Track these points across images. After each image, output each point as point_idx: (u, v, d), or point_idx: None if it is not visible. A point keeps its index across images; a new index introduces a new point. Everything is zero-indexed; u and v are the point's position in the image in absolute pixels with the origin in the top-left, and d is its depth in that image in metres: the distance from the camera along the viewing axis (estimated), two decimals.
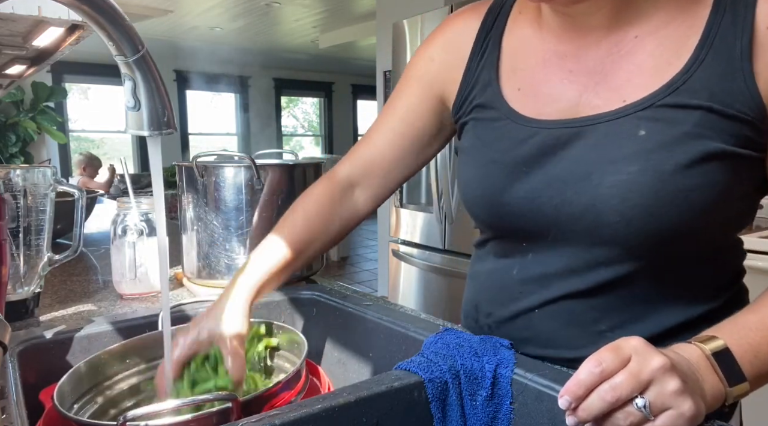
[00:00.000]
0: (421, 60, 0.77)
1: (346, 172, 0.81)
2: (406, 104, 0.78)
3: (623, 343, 0.46)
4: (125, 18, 0.53)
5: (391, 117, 0.79)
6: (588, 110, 0.61)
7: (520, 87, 0.67)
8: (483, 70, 0.71)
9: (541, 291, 0.66)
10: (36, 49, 1.19)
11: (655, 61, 0.58)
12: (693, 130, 0.54)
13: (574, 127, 0.61)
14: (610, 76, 0.60)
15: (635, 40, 0.60)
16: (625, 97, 0.58)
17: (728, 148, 0.54)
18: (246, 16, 5.49)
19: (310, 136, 9.76)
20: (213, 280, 1.07)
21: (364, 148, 0.81)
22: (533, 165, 0.63)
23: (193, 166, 1.03)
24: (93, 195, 1.86)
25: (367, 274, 5.49)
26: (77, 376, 0.67)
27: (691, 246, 0.59)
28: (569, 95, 0.63)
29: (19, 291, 0.88)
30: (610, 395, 0.43)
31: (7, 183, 0.85)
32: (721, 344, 0.50)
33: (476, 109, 0.70)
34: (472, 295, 0.77)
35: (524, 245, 0.67)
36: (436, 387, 0.57)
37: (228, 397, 0.55)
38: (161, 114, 0.56)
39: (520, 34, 0.69)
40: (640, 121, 0.56)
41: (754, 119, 0.54)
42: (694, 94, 0.55)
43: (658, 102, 0.56)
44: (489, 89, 0.69)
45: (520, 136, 0.64)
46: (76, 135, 7.36)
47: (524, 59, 0.68)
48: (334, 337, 0.89)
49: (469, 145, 0.71)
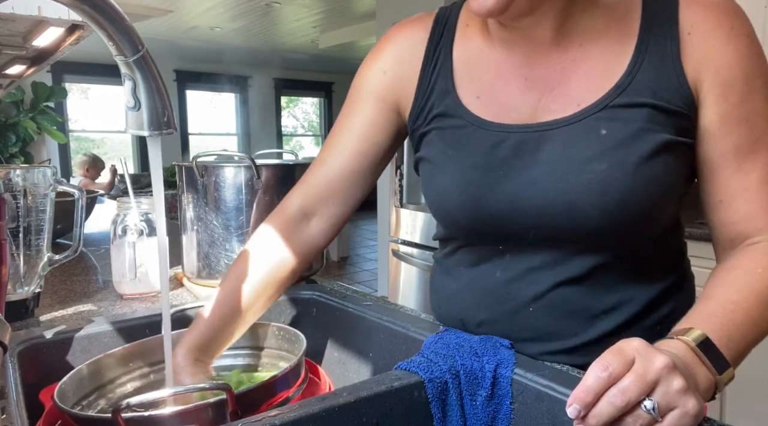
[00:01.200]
0: (373, 73, 0.76)
1: (299, 201, 0.78)
2: (362, 120, 0.76)
3: (625, 345, 0.46)
4: (125, 18, 0.53)
5: (347, 136, 0.76)
6: (547, 115, 0.65)
7: (479, 95, 0.69)
8: (438, 79, 0.71)
9: (530, 286, 0.67)
10: (36, 49, 1.19)
11: (600, 68, 0.63)
12: (645, 125, 0.60)
13: (539, 130, 0.64)
14: (563, 82, 0.65)
15: (580, 48, 0.65)
16: (579, 102, 0.63)
17: (674, 138, 0.61)
18: (246, 16, 5.49)
19: (310, 136, 9.76)
20: (213, 280, 1.07)
21: (318, 173, 0.78)
22: (509, 168, 0.65)
23: (193, 166, 1.03)
24: (93, 195, 1.86)
25: (367, 274, 5.49)
26: (79, 377, 0.67)
27: (657, 226, 0.66)
28: (528, 102, 0.66)
29: (19, 291, 0.88)
30: (619, 399, 0.43)
31: (7, 183, 0.85)
32: (700, 334, 0.52)
33: (437, 118, 0.70)
34: (453, 312, 0.74)
35: (500, 248, 0.69)
36: (436, 387, 0.57)
37: (222, 387, 0.55)
38: (161, 114, 0.56)
39: (471, 45, 0.71)
40: (599, 121, 0.62)
41: (688, 112, 0.61)
42: (639, 93, 0.61)
43: (610, 103, 0.62)
44: (447, 98, 0.70)
45: (491, 140, 0.66)
46: (76, 135, 7.36)
47: (479, 68, 0.69)
48: (334, 337, 0.89)
49: (437, 153, 0.70)
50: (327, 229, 0.79)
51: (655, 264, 0.68)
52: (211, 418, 0.55)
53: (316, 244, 0.79)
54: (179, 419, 0.53)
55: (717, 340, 0.52)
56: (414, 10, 0.80)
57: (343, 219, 0.79)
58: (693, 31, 0.60)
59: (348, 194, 0.78)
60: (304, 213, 0.78)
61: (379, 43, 0.77)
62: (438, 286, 0.79)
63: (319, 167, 0.78)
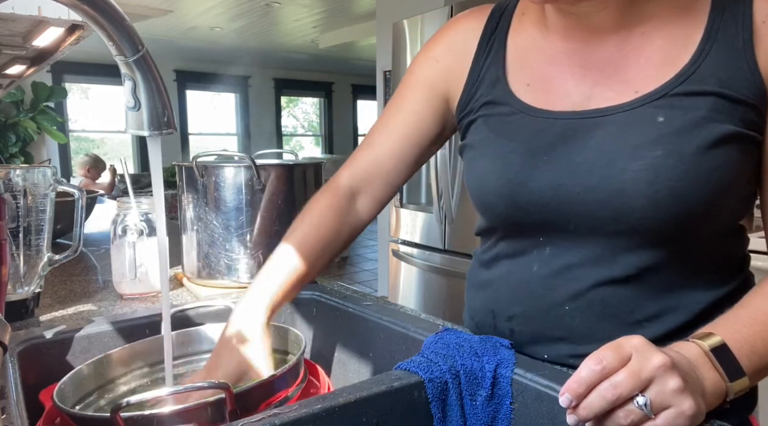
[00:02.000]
0: (425, 62, 0.77)
1: (347, 180, 0.81)
2: (410, 106, 0.77)
3: (624, 342, 0.46)
4: (125, 18, 0.53)
5: (394, 119, 0.79)
6: (601, 103, 0.62)
7: (530, 83, 0.67)
8: (489, 68, 0.71)
9: (569, 283, 0.63)
10: (36, 49, 1.19)
11: (662, 55, 0.60)
12: (708, 114, 0.57)
13: (592, 117, 0.61)
14: (620, 69, 0.62)
15: (642, 36, 0.62)
16: (637, 89, 0.60)
17: (740, 130, 0.57)
18: (246, 16, 5.49)
19: (310, 136, 9.76)
20: (213, 280, 1.07)
21: (365, 153, 0.80)
22: (554, 153, 0.62)
23: (193, 166, 1.03)
24: (93, 195, 1.86)
25: (367, 274, 5.48)
26: (79, 377, 0.67)
27: (711, 228, 0.61)
28: (581, 89, 0.64)
29: (19, 291, 0.88)
30: (610, 393, 0.44)
31: (7, 183, 0.85)
32: (718, 340, 0.51)
33: (485, 106, 0.70)
34: (485, 303, 0.73)
35: (541, 239, 0.65)
36: (436, 387, 0.57)
37: (220, 386, 0.55)
38: (161, 114, 0.56)
39: (525, 34, 0.70)
40: (656, 109, 0.58)
41: (757, 103, 0.57)
42: (703, 82, 0.57)
43: (671, 91, 0.58)
44: (498, 86, 0.69)
45: (538, 127, 0.64)
46: (76, 135, 7.36)
47: (531, 57, 0.68)
48: (333, 337, 0.89)
49: (481, 138, 0.70)
50: (370, 206, 0.82)
51: (709, 272, 0.63)
52: (210, 417, 0.55)
53: (361, 219, 0.82)
54: (178, 418, 0.54)
55: (737, 348, 0.51)
56: (414, 10, 0.81)
57: (387, 199, 0.82)
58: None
59: (392, 177, 0.80)
60: (352, 190, 0.80)
61: (435, 33, 0.78)
62: (474, 280, 0.77)
63: (366, 149, 0.80)
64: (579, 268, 0.63)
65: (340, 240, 0.80)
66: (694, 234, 0.60)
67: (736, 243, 0.67)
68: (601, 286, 0.62)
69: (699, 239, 0.61)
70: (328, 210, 0.79)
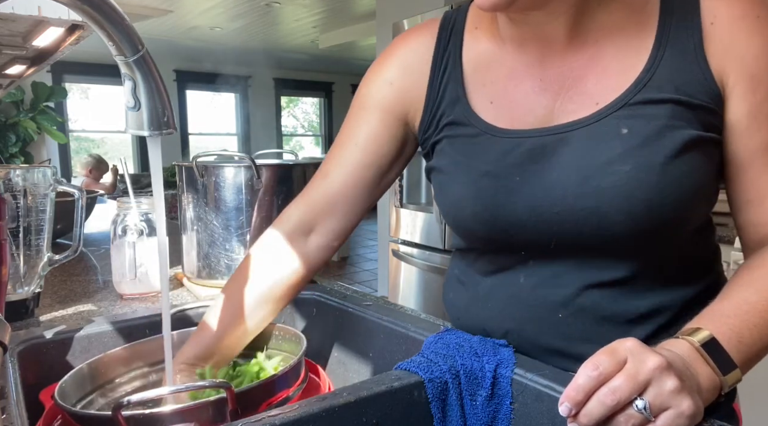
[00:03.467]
0: (377, 85, 0.73)
1: (298, 216, 0.75)
2: (366, 133, 0.73)
3: (618, 346, 0.46)
4: (125, 18, 0.53)
5: (348, 148, 0.74)
6: (564, 116, 0.62)
7: (492, 100, 0.66)
8: (447, 86, 0.69)
9: (558, 290, 0.63)
10: (36, 49, 1.19)
11: (618, 64, 0.61)
12: (669, 122, 0.57)
13: (556, 133, 0.61)
14: (579, 81, 0.62)
15: (596, 45, 0.62)
16: (597, 100, 0.60)
17: (701, 133, 0.58)
18: (246, 16, 5.49)
19: (310, 136, 9.76)
20: (213, 280, 1.07)
21: (319, 187, 0.75)
22: (525, 174, 0.62)
23: (193, 166, 1.03)
24: (93, 195, 1.86)
25: (367, 274, 5.49)
26: (79, 376, 0.67)
27: (687, 228, 0.62)
28: (544, 103, 0.63)
29: (19, 291, 0.88)
30: (609, 399, 0.43)
31: (7, 183, 0.85)
32: (707, 334, 0.51)
33: (447, 126, 0.68)
34: (473, 324, 0.71)
35: (523, 254, 0.65)
36: (436, 387, 0.57)
37: (222, 385, 0.55)
38: (161, 114, 0.56)
39: (480, 48, 0.68)
40: (618, 120, 0.58)
41: (713, 106, 0.58)
42: (660, 89, 0.58)
43: (630, 101, 0.59)
44: (458, 105, 0.67)
45: (504, 147, 0.63)
46: (76, 135, 7.36)
47: (490, 72, 0.67)
48: (334, 337, 0.89)
49: (449, 162, 0.68)
50: (326, 245, 0.76)
51: (688, 265, 0.65)
52: (211, 416, 0.55)
53: (317, 257, 0.76)
54: (179, 417, 0.54)
55: (726, 340, 0.51)
56: (414, 10, 0.80)
57: (344, 234, 0.77)
58: (716, 21, 0.57)
59: (349, 209, 0.75)
60: (303, 227, 0.75)
61: (383, 53, 0.74)
62: (454, 298, 0.75)
63: (320, 181, 0.75)
64: (565, 274, 0.63)
65: (288, 280, 0.75)
66: (671, 236, 0.61)
67: (708, 233, 0.68)
68: (591, 289, 0.62)
69: (676, 239, 0.62)
70: (273, 249, 0.75)
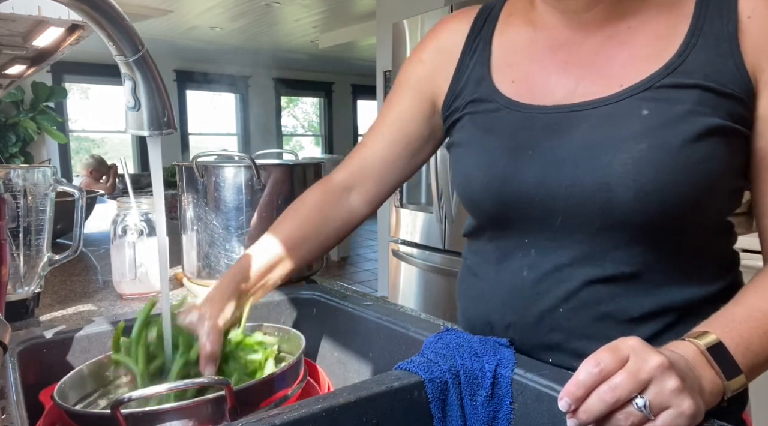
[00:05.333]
0: (412, 64, 0.78)
1: (340, 177, 0.83)
2: (397, 110, 0.79)
3: (621, 344, 0.46)
4: (125, 18, 0.53)
5: (382, 123, 0.80)
6: (585, 97, 0.62)
7: (514, 79, 0.68)
8: (474, 67, 0.72)
9: (560, 284, 0.63)
10: (36, 49, 1.19)
11: (648, 50, 0.61)
12: (693, 107, 0.57)
13: (576, 111, 0.62)
14: (605, 65, 0.62)
15: (628, 31, 0.62)
16: (622, 82, 0.60)
17: (727, 123, 0.57)
18: (246, 16, 5.49)
19: (310, 136, 9.76)
20: (213, 280, 1.07)
21: (358, 154, 0.82)
22: (538, 148, 0.62)
23: (193, 166, 1.03)
24: (93, 195, 1.86)
25: (367, 274, 5.49)
26: (79, 377, 0.67)
27: (699, 223, 0.61)
28: (565, 84, 0.64)
29: (19, 291, 0.88)
30: (609, 396, 0.43)
31: (7, 183, 0.85)
32: (714, 339, 0.51)
33: (471, 103, 0.71)
34: (481, 313, 0.72)
35: (526, 241, 0.65)
36: (436, 387, 0.57)
37: (221, 383, 0.55)
38: (161, 114, 0.56)
39: (511, 33, 0.71)
40: (641, 102, 0.58)
41: (744, 97, 0.57)
42: (689, 74, 0.58)
43: (656, 83, 0.58)
44: (482, 84, 0.70)
45: (523, 122, 0.64)
46: (76, 135, 7.36)
47: (516, 54, 0.69)
48: (334, 337, 0.89)
49: (467, 136, 0.70)
50: (364, 202, 0.83)
51: (701, 268, 0.63)
52: (210, 414, 0.55)
53: (353, 212, 0.83)
54: (178, 414, 0.54)
55: (733, 346, 0.51)
56: (414, 10, 0.81)
57: (380, 197, 0.83)
58: (754, 14, 0.57)
59: (383, 176, 0.81)
60: (345, 186, 0.82)
61: (425, 36, 0.80)
62: (466, 288, 0.77)
63: (360, 148, 0.83)
64: (568, 267, 0.62)
65: (328, 227, 0.81)
66: (682, 229, 0.60)
67: (725, 239, 0.67)
68: (593, 284, 0.61)
69: (688, 235, 0.61)
70: (316, 198, 0.81)
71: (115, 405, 0.51)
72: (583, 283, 0.62)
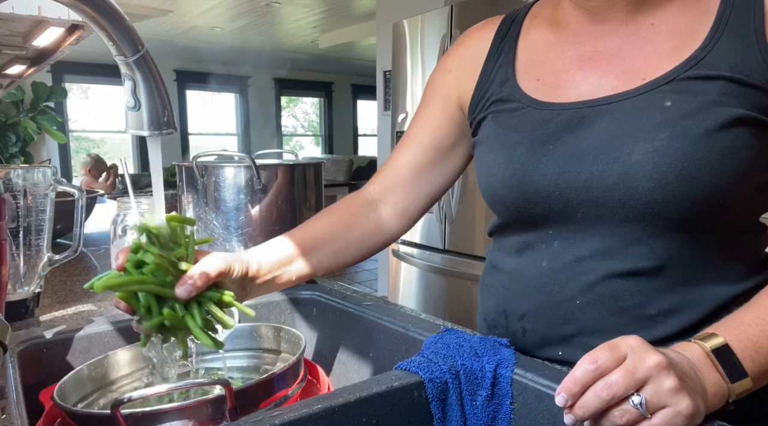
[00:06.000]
0: (439, 74, 0.80)
1: (371, 188, 0.83)
2: (426, 116, 0.80)
3: (620, 342, 0.46)
4: (125, 18, 0.53)
5: (412, 132, 0.81)
6: (608, 91, 0.62)
7: (539, 78, 0.69)
8: (499, 69, 0.73)
9: (579, 277, 0.62)
10: (36, 49, 1.19)
11: (671, 44, 0.61)
12: (717, 98, 0.56)
13: (598, 105, 0.62)
14: (628, 59, 0.63)
15: (651, 26, 0.63)
16: (644, 76, 0.61)
17: (752, 114, 0.56)
18: (246, 16, 5.49)
19: (310, 136, 9.76)
20: None
21: (388, 164, 0.83)
22: (559, 142, 0.63)
23: (193, 166, 1.03)
24: (93, 195, 1.86)
25: (367, 274, 5.48)
26: (79, 377, 0.67)
27: (723, 219, 0.59)
28: (589, 80, 0.65)
29: (19, 291, 0.88)
30: (605, 392, 0.44)
31: (7, 183, 0.85)
32: (720, 341, 0.51)
33: (494, 103, 0.72)
34: (497, 302, 0.72)
35: (550, 233, 0.65)
36: (436, 387, 0.57)
37: (221, 383, 0.55)
38: (161, 114, 0.56)
39: (536, 35, 0.72)
40: (664, 94, 0.58)
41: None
42: (713, 67, 0.57)
43: (680, 76, 0.58)
44: (507, 85, 0.71)
45: (543, 118, 0.65)
46: (76, 135, 7.35)
47: (541, 53, 0.70)
48: (334, 337, 0.89)
49: (489, 134, 0.71)
50: (393, 215, 0.81)
51: (725, 268, 0.61)
52: (210, 414, 0.55)
53: (382, 224, 0.81)
54: (178, 414, 0.54)
55: (741, 350, 0.50)
56: (414, 10, 0.82)
57: (412, 209, 0.82)
58: None
59: (412, 186, 0.80)
60: (374, 197, 0.82)
61: (450, 46, 0.82)
62: (487, 280, 0.77)
63: (391, 159, 0.83)
64: (589, 260, 0.62)
65: (352, 234, 0.79)
66: (707, 224, 0.59)
67: (756, 239, 0.65)
68: (613, 278, 0.61)
69: (713, 231, 0.60)
70: (343, 205, 0.81)
71: (115, 405, 0.51)
72: (602, 276, 0.61)
